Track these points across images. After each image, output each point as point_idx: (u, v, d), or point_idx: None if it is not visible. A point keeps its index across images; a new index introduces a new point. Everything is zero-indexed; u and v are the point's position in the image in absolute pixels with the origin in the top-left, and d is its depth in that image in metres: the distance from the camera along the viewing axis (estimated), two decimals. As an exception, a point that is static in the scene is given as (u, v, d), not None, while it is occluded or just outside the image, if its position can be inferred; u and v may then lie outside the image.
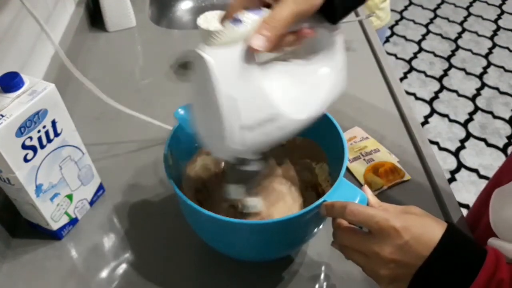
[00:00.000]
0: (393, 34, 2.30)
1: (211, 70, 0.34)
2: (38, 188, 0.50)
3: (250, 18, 0.36)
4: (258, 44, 0.35)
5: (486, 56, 2.14)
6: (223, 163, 0.56)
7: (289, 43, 0.38)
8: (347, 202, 0.38)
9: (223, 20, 0.40)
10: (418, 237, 0.35)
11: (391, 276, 0.36)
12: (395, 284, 0.37)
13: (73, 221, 0.57)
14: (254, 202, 0.48)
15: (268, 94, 0.37)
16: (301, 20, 0.37)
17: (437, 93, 1.96)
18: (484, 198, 0.58)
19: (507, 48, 2.19)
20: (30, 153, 0.48)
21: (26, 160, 0.48)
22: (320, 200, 0.41)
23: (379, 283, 0.38)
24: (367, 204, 0.40)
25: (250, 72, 0.36)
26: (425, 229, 0.35)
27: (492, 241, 0.43)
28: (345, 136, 0.49)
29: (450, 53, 2.17)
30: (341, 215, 0.38)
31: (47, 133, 0.49)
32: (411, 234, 0.35)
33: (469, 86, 1.99)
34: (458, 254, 0.35)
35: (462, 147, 1.72)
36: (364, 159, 0.64)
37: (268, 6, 0.39)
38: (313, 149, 0.56)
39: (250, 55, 0.36)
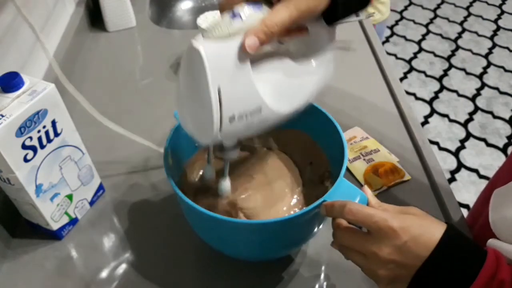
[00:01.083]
0: (393, 34, 2.30)
1: (204, 62, 0.35)
2: (38, 188, 0.50)
3: (249, 14, 0.37)
4: (249, 45, 0.36)
5: (486, 56, 2.14)
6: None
7: (280, 38, 0.40)
8: (346, 201, 0.38)
9: (222, 9, 0.41)
10: (416, 237, 0.35)
11: (390, 276, 0.36)
12: (394, 284, 0.37)
13: (73, 221, 0.57)
14: (222, 186, 0.49)
15: (257, 88, 0.38)
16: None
17: (437, 93, 1.96)
18: (483, 199, 0.58)
19: (507, 48, 2.18)
20: (30, 153, 0.48)
21: (26, 160, 0.48)
22: (320, 200, 0.41)
23: (378, 284, 0.38)
24: (367, 204, 0.40)
25: (242, 66, 0.37)
26: (424, 230, 0.35)
27: (491, 242, 0.43)
28: (345, 136, 0.49)
29: (450, 53, 2.17)
30: (340, 214, 0.38)
31: (47, 133, 0.49)
32: (410, 235, 0.35)
33: (469, 86, 1.99)
34: (457, 255, 0.35)
35: (462, 147, 1.72)
36: (364, 159, 0.64)
37: (269, 2, 0.39)
38: (313, 149, 0.56)
39: (243, 51, 0.37)
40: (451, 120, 1.83)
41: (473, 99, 1.93)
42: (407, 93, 1.94)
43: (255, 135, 0.42)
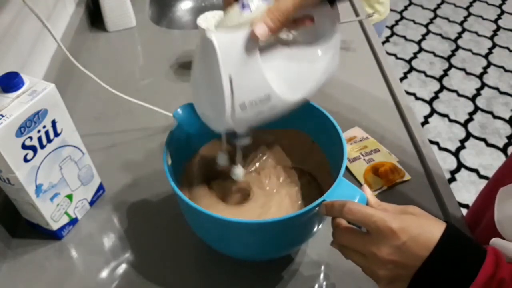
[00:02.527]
0: (393, 34, 2.30)
1: (217, 51, 0.37)
2: (38, 188, 0.50)
3: (257, 4, 0.39)
4: (260, 32, 0.38)
5: (486, 56, 2.14)
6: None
7: (288, 27, 0.42)
8: (346, 200, 0.38)
9: (227, 2, 0.43)
10: (416, 237, 0.35)
11: (390, 276, 0.36)
12: (394, 284, 0.37)
13: (73, 221, 0.57)
14: (238, 171, 0.52)
15: (266, 76, 0.40)
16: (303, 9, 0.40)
17: (437, 93, 1.96)
18: (485, 197, 0.58)
19: (507, 48, 2.19)
20: (30, 153, 0.48)
21: (26, 160, 0.48)
22: (320, 199, 0.41)
23: (378, 283, 0.38)
24: (367, 204, 0.40)
25: (251, 55, 0.39)
26: (423, 229, 0.35)
27: (495, 241, 0.43)
28: (345, 136, 0.49)
29: (450, 53, 2.17)
30: (339, 213, 0.38)
31: (47, 133, 0.49)
32: (409, 235, 0.35)
33: (469, 86, 1.99)
34: (457, 254, 0.35)
35: (462, 147, 1.72)
36: (364, 159, 0.64)
37: None
38: (313, 149, 0.56)
39: (252, 40, 0.39)
40: (451, 120, 1.83)
41: (473, 99, 1.93)
42: (407, 93, 1.94)
43: (266, 122, 0.44)
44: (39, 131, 0.48)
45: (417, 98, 1.93)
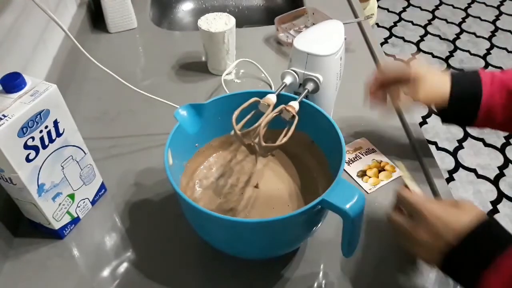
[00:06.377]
0: (391, 35, 2.30)
1: None
2: (40, 188, 0.51)
3: None
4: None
5: (484, 57, 2.15)
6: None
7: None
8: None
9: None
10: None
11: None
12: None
13: (75, 221, 0.58)
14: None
15: None
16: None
17: (435, 94, 1.96)
18: None
19: (505, 49, 2.19)
20: (32, 153, 0.48)
21: (28, 160, 0.48)
22: (319, 199, 0.42)
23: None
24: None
25: None
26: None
27: None
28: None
29: (448, 54, 2.17)
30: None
31: (49, 133, 0.50)
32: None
33: (468, 87, 1.99)
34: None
35: (460, 147, 1.73)
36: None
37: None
38: (312, 148, 0.57)
39: None
40: (449, 121, 1.84)
41: (471, 99, 1.93)
42: (406, 94, 1.94)
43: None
44: (41, 131, 0.48)
45: (415, 99, 1.94)
